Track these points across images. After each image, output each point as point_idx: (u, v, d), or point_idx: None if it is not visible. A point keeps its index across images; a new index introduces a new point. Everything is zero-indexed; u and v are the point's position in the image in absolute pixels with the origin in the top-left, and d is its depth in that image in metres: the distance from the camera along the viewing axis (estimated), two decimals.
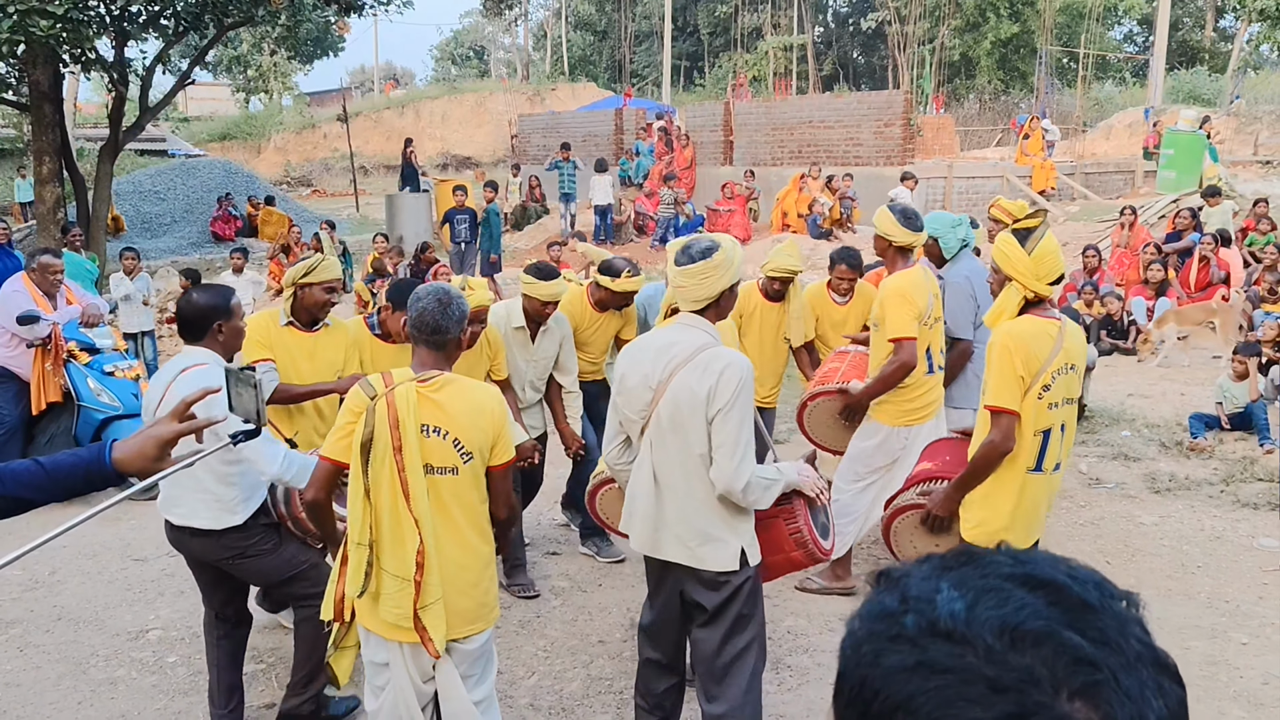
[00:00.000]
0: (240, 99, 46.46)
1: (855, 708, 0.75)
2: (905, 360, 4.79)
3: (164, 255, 18.74)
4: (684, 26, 48.71)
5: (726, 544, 3.33)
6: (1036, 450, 3.71)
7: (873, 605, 0.79)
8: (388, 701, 3.24)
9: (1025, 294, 3.65)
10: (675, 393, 3.25)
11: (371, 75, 61.28)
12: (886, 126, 18.82)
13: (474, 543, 3.22)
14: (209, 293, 3.85)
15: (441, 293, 3.21)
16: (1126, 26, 44.52)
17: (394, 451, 3.07)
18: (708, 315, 3.36)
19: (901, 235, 4.87)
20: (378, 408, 3.09)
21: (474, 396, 3.19)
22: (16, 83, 14.23)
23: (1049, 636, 0.71)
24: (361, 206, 26.45)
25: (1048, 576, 0.76)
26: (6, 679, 4.71)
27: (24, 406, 7.10)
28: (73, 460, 2.07)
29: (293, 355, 4.54)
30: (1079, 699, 0.69)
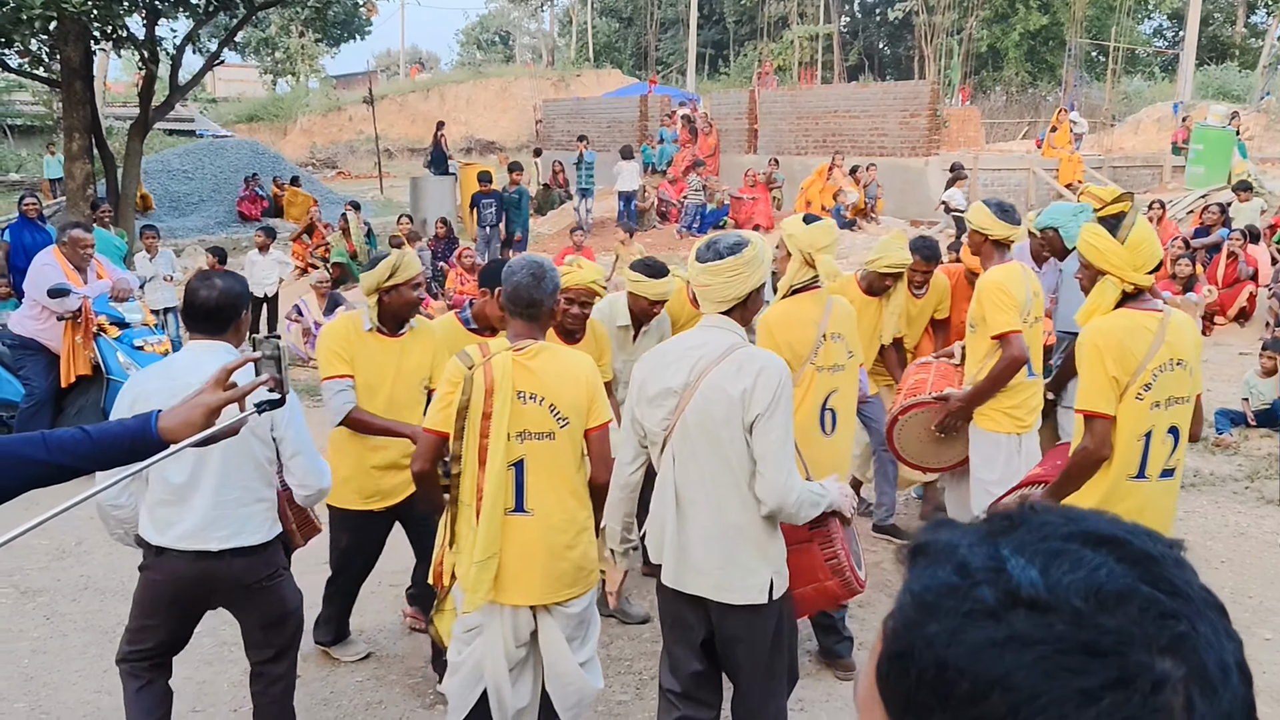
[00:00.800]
0: (268, 81, 46.60)
1: (931, 692, 0.70)
2: (1015, 355, 4.47)
3: (191, 234, 18.87)
4: (710, 14, 48.54)
5: (755, 573, 3.02)
6: (1138, 456, 3.40)
7: (926, 581, 0.74)
8: (470, 657, 3.36)
9: (1124, 286, 3.35)
10: (705, 396, 2.96)
11: (397, 59, 61.37)
12: (912, 117, 18.71)
13: (570, 506, 3.31)
14: (230, 278, 3.41)
15: (535, 265, 3.32)
16: (1156, 21, 44.06)
17: (483, 419, 3.18)
18: (734, 318, 3.10)
19: (999, 228, 4.62)
20: (475, 376, 3.20)
21: (568, 362, 3.32)
22: (48, 59, 14.32)
23: (1133, 594, 0.69)
24: (386, 189, 26.52)
25: (1106, 531, 0.73)
26: (34, 646, 4.78)
27: (54, 378, 7.17)
28: (119, 429, 2.08)
29: (377, 364, 4.16)
30: (1169, 654, 0.66)
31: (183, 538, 3.23)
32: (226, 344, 3.34)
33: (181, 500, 3.23)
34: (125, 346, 7.32)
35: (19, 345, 7.26)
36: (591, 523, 3.41)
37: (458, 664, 3.40)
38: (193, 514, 3.22)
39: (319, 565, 5.63)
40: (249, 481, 3.29)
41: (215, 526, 3.24)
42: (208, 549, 3.25)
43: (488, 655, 3.32)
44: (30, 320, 7.16)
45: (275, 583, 3.46)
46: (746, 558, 3.01)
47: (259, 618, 3.51)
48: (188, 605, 3.44)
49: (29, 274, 7.21)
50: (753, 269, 3.06)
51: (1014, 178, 18.98)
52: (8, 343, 7.48)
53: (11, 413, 7.39)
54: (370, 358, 4.16)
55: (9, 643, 4.81)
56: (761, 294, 3.17)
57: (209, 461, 3.19)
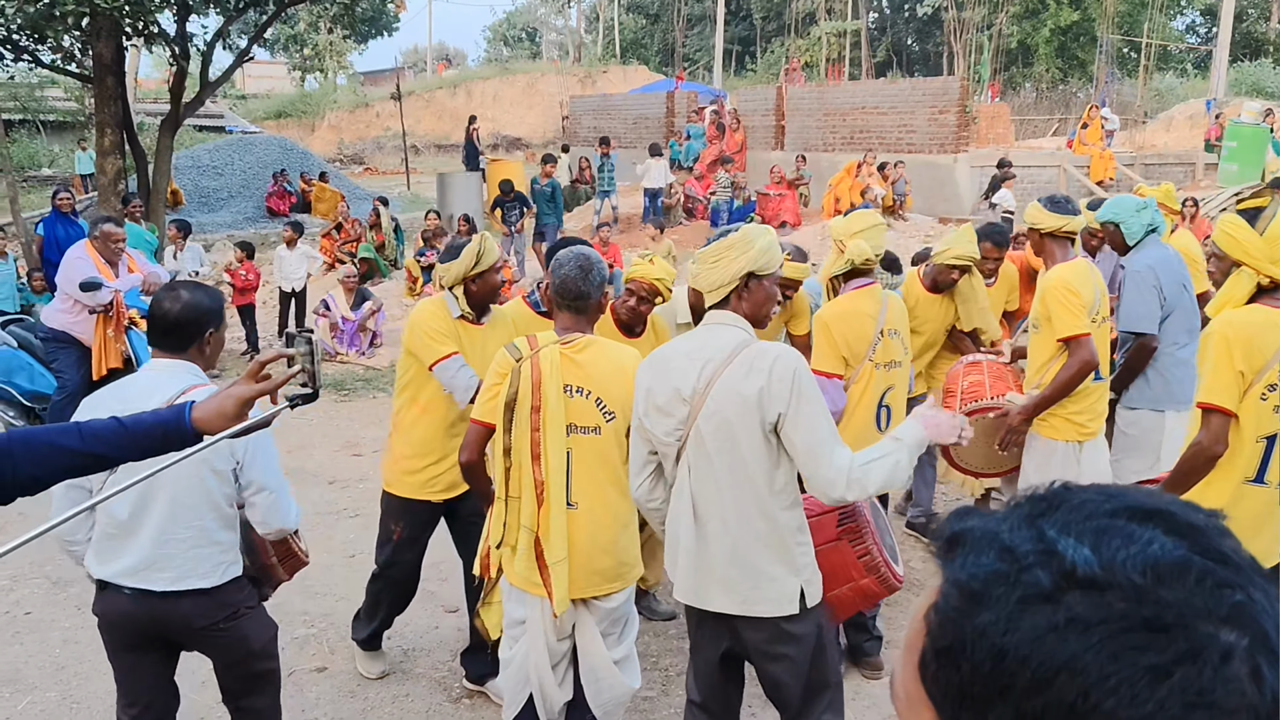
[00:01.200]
0: (296, 77, 46.90)
1: (989, 683, 0.68)
2: (1086, 359, 4.25)
3: (221, 229, 19.00)
4: (737, 10, 48.41)
5: (783, 582, 2.85)
6: (1258, 459, 3.24)
7: (971, 569, 0.71)
8: (519, 654, 3.37)
9: (1260, 279, 3.23)
10: (718, 401, 2.79)
11: (425, 55, 61.58)
12: (941, 114, 18.58)
13: (614, 501, 3.29)
14: (201, 290, 3.08)
15: (582, 258, 3.30)
16: (1189, 17, 43.62)
17: (532, 411, 3.18)
18: (732, 308, 2.89)
19: (1048, 220, 4.42)
20: (523, 369, 3.20)
21: (615, 356, 3.29)
22: (80, 55, 14.44)
23: (1189, 566, 0.67)
24: (413, 185, 26.62)
25: (1149, 505, 0.71)
26: (65, 635, 4.83)
27: (85, 371, 7.24)
28: (153, 419, 2.09)
29: (467, 351, 4.01)
30: (1230, 624, 0.65)
31: (124, 573, 2.94)
32: (189, 364, 2.99)
33: (126, 534, 2.93)
34: None
35: (51, 338, 7.33)
36: (634, 518, 3.38)
37: (508, 660, 3.43)
38: (137, 549, 2.92)
39: (349, 560, 5.66)
40: (202, 521, 2.94)
41: (160, 566, 2.93)
42: (151, 589, 2.94)
43: (531, 649, 3.34)
44: (62, 313, 7.23)
45: (234, 624, 3.10)
46: (772, 567, 2.85)
47: (221, 658, 3.21)
48: (142, 649, 3.10)
49: (61, 268, 7.29)
50: (739, 251, 2.85)
51: (1044, 174, 18.82)
52: (40, 335, 7.56)
53: (44, 405, 7.47)
54: (462, 344, 4.01)
55: (41, 632, 4.86)
56: (765, 285, 2.91)
57: (156, 496, 2.89)
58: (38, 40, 13.74)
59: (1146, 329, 4.63)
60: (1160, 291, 4.61)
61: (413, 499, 4.18)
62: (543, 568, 3.21)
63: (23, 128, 26.93)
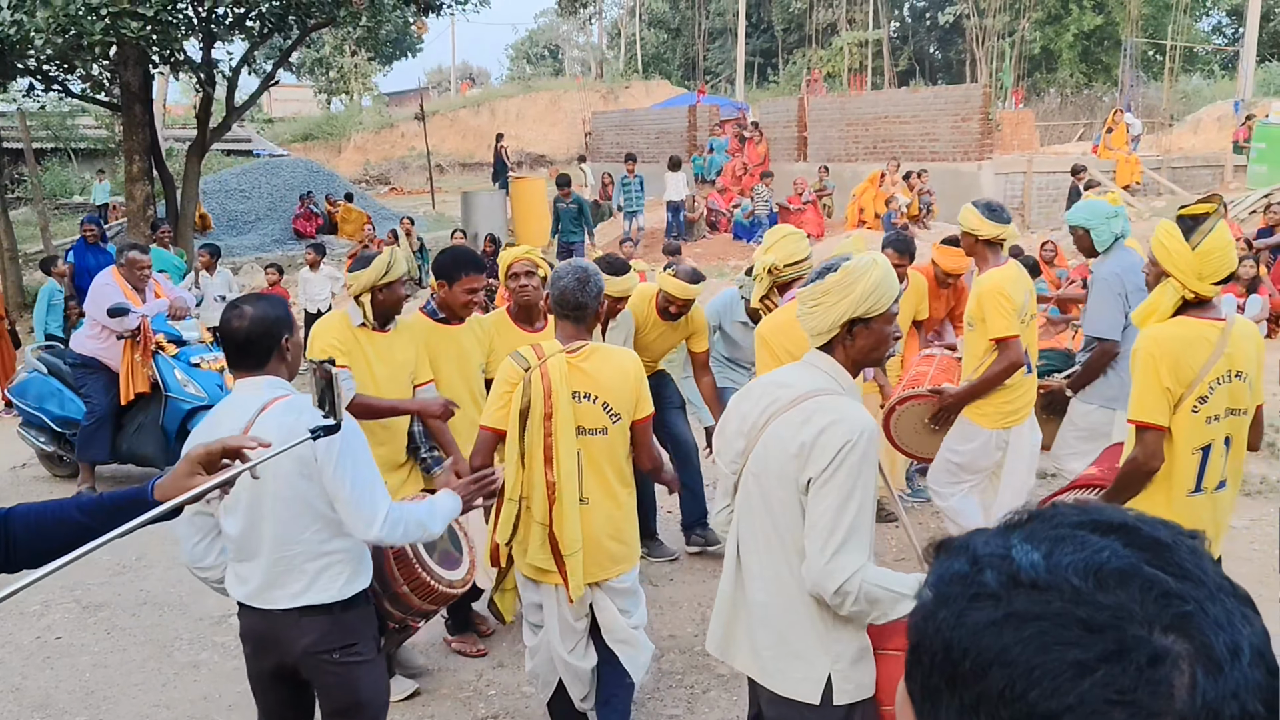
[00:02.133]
0: (322, 100, 47.34)
1: (940, 674, 0.73)
2: (1013, 359, 4.65)
3: (249, 252, 19.20)
4: (758, 23, 48.45)
5: (809, 664, 2.55)
6: (1194, 470, 3.27)
7: (942, 572, 0.78)
8: (543, 639, 3.65)
9: (1184, 293, 3.19)
10: (765, 446, 2.61)
11: (448, 75, 62.01)
12: (964, 121, 18.49)
13: (620, 494, 3.57)
14: (265, 302, 3.03)
15: (580, 270, 3.52)
16: (1215, 18, 43.15)
17: (545, 418, 3.38)
18: (835, 356, 2.65)
19: (987, 228, 4.75)
20: (533, 378, 3.40)
21: (617, 362, 3.52)
22: (109, 84, 14.67)
23: (1134, 574, 0.70)
24: (438, 204, 26.79)
25: (1118, 520, 0.75)
26: (95, 660, 4.87)
27: (113, 396, 7.32)
28: (125, 493, 2.15)
29: (368, 359, 4.29)
30: (1173, 632, 0.68)
31: (252, 595, 2.93)
32: (271, 378, 2.95)
33: (247, 556, 2.93)
34: (183, 364, 7.45)
35: (80, 364, 7.43)
36: (634, 504, 3.65)
37: (535, 647, 3.70)
38: (259, 570, 2.91)
39: None
40: (308, 533, 2.87)
41: (281, 584, 2.89)
42: (274, 608, 2.91)
43: (549, 629, 3.61)
44: (90, 339, 7.32)
45: (349, 662, 2.96)
46: (800, 643, 2.56)
47: (328, 701, 3.06)
48: (271, 672, 3.05)
49: (89, 294, 7.38)
50: (838, 296, 2.57)
51: (1070, 180, 18.68)
52: (70, 361, 7.65)
53: (73, 430, 7.56)
54: (361, 352, 4.29)
55: (71, 656, 4.90)
56: (876, 328, 2.63)
57: (264, 516, 2.87)
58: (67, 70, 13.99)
59: (1109, 335, 4.86)
60: (1125, 299, 4.79)
61: None
62: (559, 559, 3.44)
63: (54, 156, 27.36)
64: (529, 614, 3.70)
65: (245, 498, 2.83)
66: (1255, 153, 17.90)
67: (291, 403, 2.86)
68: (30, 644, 5.05)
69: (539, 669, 3.72)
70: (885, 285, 2.58)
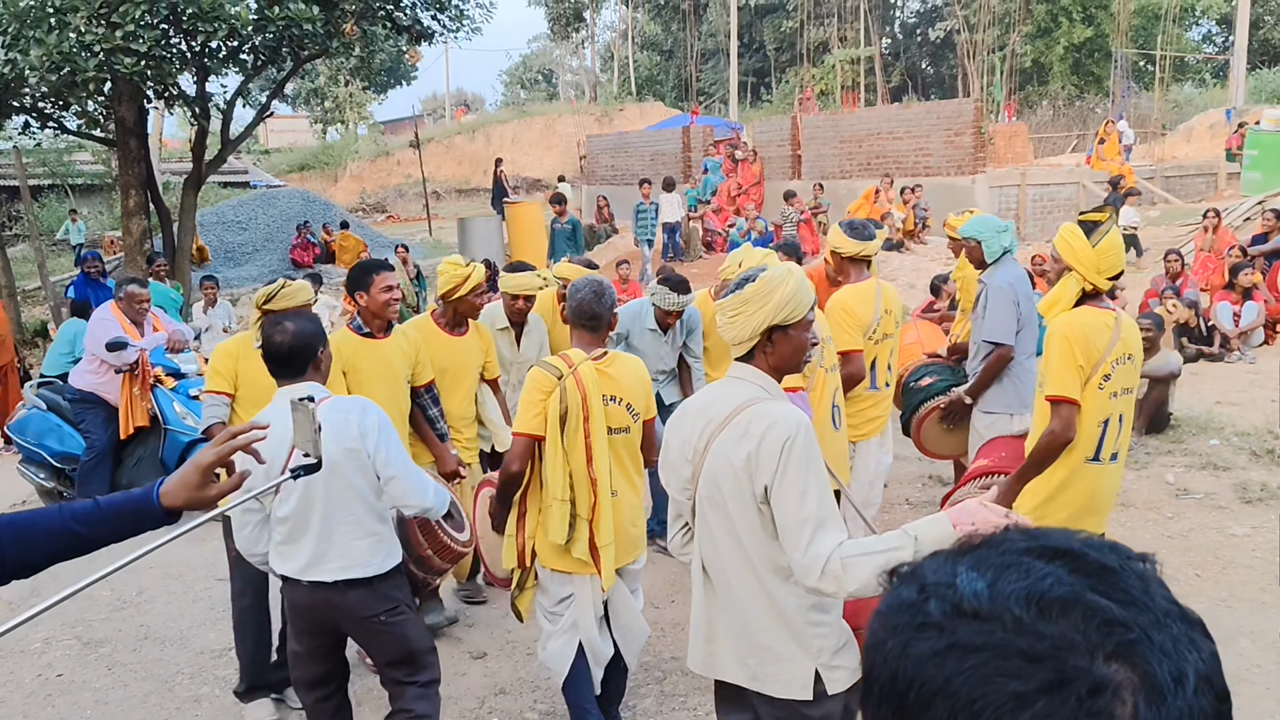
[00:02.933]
0: (318, 130, 47.58)
1: (889, 704, 0.73)
2: (853, 372, 4.93)
3: (247, 283, 19.23)
4: (750, 43, 48.72)
5: (793, 663, 2.64)
6: (1095, 440, 3.71)
7: (891, 599, 0.78)
8: (566, 623, 3.89)
9: (1084, 285, 3.67)
10: (711, 467, 2.67)
11: (443, 102, 62.34)
12: (957, 135, 18.57)
13: (638, 486, 3.98)
14: (301, 318, 3.52)
15: (596, 284, 3.84)
16: (1205, 27, 43.38)
17: (583, 420, 3.67)
18: (757, 364, 2.73)
19: (848, 245, 5.07)
20: (567, 384, 3.68)
21: (634, 367, 3.91)
22: (104, 119, 14.74)
23: (1076, 601, 0.70)
24: (435, 230, 26.86)
25: (1064, 545, 0.76)
26: (96, 696, 4.85)
27: (113, 431, 7.32)
28: (124, 498, 2.06)
29: (267, 380, 4.25)
30: (1115, 660, 0.68)
31: (299, 570, 3.39)
32: (311, 384, 3.42)
33: (295, 536, 3.38)
34: (181, 397, 7.45)
35: (79, 399, 7.42)
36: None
37: (553, 631, 3.92)
38: (308, 547, 3.36)
39: None
40: (356, 515, 3.35)
41: (328, 559, 3.35)
42: (322, 580, 3.37)
43: (582, 618, 3.86)
44: (89, 374, 7.32)
45: (396, 620, 3.47)
46: (781, 646, 2.64)
47: (383, 655, 3.57)
48: (318, 633, 3.55)
49: (87, 329, 7.39)
50: (757, 305, 2.65)
51: (1064, 191, 18.75)
52: (68, 397, 7.65)
53: (73, 465, 7.55)
54: (258, 374, 4.23)
55: (73, 693, 4.88)
56: (792, 336, 2.72)
57: (315, 496, 3.31)
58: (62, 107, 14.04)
59: (1005, 340, 5.08)
60: (1018, 306, 5.08)
61: None
62: (594, 551, 3.76)
63: (50, 192, 27.44)
64: (553, 606, 3.93)
65: (299, 485, 3.20)
66: (1248, 160, 17.98)
67: (335, 403, 3.38)
68: (31, 682, 5.03)
69: (559, 651, 3.90)
70: (801, 293, 2.70)
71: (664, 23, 52.16)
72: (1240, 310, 10.62)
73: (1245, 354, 10.22)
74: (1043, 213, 18.39)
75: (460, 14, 15.30)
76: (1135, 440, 7.70)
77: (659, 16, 52.35)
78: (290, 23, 12.36)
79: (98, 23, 11.09)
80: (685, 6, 47.51)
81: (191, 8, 11.27)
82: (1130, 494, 6.72)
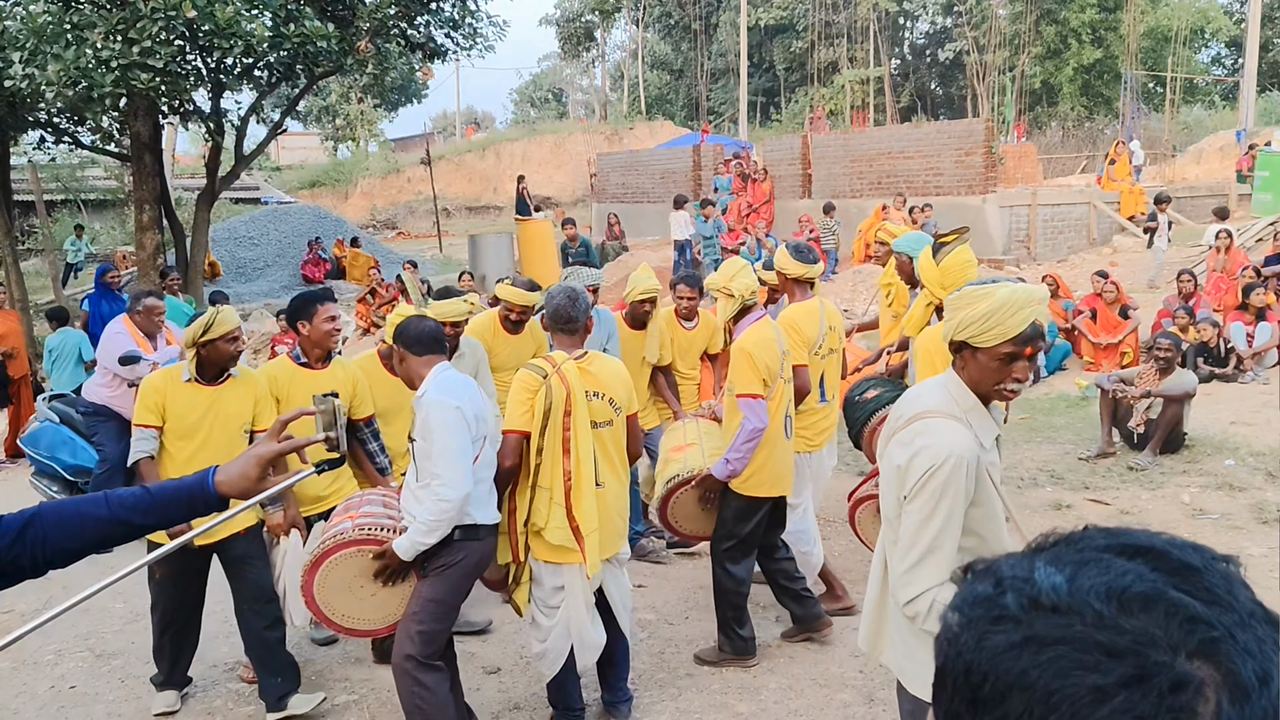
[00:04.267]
0: (329, 147, 47.82)
1: (963, 697, 0.73)
2: (800, 385, 5.09)
3: (258, 298, 19.31)
4: (760, 63, 48.90)
5: (924, 665, 2.60)
6: None
7: (966, 594, 0.78)
8: (560, 619, 4.07)
9: (931, 299, 3.86)
10: (884, 462, 2.71)
11: (454, 120, 62.61)
12: (967, 155, 18.59)
13: (623, 477, 4.24)
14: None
15: (570, 291, 4.14)
16: (1214, 49, 43.46)
17: (564, 415, 3.93)
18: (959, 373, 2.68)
19: (794, 268, 5.23)
20: (552, 382, 3.95)
21: (613, 365, 4.23)
22: (119, 135, 14.83)
23: (1158, 598, 0.70)
24: (445, 247, 26.94)
25: (1145, 543, 0.75)
26: (109, 709, 4.84)
27: (126, 444, 7.29)
28: (176, 486, 2.07)
29: (194, 411, 4.50)
30: (1198, 658, 0.67)
31: (475, 508, 3.82)
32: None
33: (483, 484, 3.86)
34: None
35: (92, 412, 7.43)
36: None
37: (550, 626, 4.08)
38: (489, 493, 3.93)
39: None
40: (481, 471, 3.85)
41: (483, 504, 3.89)
42: (486, 522, 3.89)
43: (574, 609, 4.05)
44: (102, 388, 7.33)
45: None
46: (916, 644, 2.65)
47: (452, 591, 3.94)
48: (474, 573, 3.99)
49: (101, 342, 7.40)
50: (949, 313, 2.64)
51: (1074, 212, 18.74)
52: (81, 410, 7.66)
53: (86, 479, 7.56)
54: (186, 406, 4.48)
55: (85, 706, 4.87)
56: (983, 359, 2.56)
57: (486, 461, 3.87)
58: (77, 122, 14.15)
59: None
60: None
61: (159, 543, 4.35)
62: (579, 539, 3.98)
63: (64, 207, 27.59)
64: (547, 598, 4.10)
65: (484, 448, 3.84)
66: (1259, 181, 17.96)
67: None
68: (45, 693, 5.02)
69: (552, 646, 4.10)
70: (990, 319, 2.49)
71: (674, 42, 52.39)
72: (1254, 331, 10.58)
73: (1259, 374, 10.18)
74: (1054, 233, 18.38)
75: (474, 32, 15.37)
76: (1150, 460, 7.67)
77: (669, 36, 52.60)
78: (305, 40, 12.44)
79: (115, 39, 11.16)
80: (696, 26, 47.76)
81: (208, 24, 11.34)
82: (1146, 514, 6.69)
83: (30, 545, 1.93)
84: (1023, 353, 2.51)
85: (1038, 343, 2.53)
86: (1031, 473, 7.75)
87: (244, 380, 4.65)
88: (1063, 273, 14.79)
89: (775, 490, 4.81)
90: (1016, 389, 2.57)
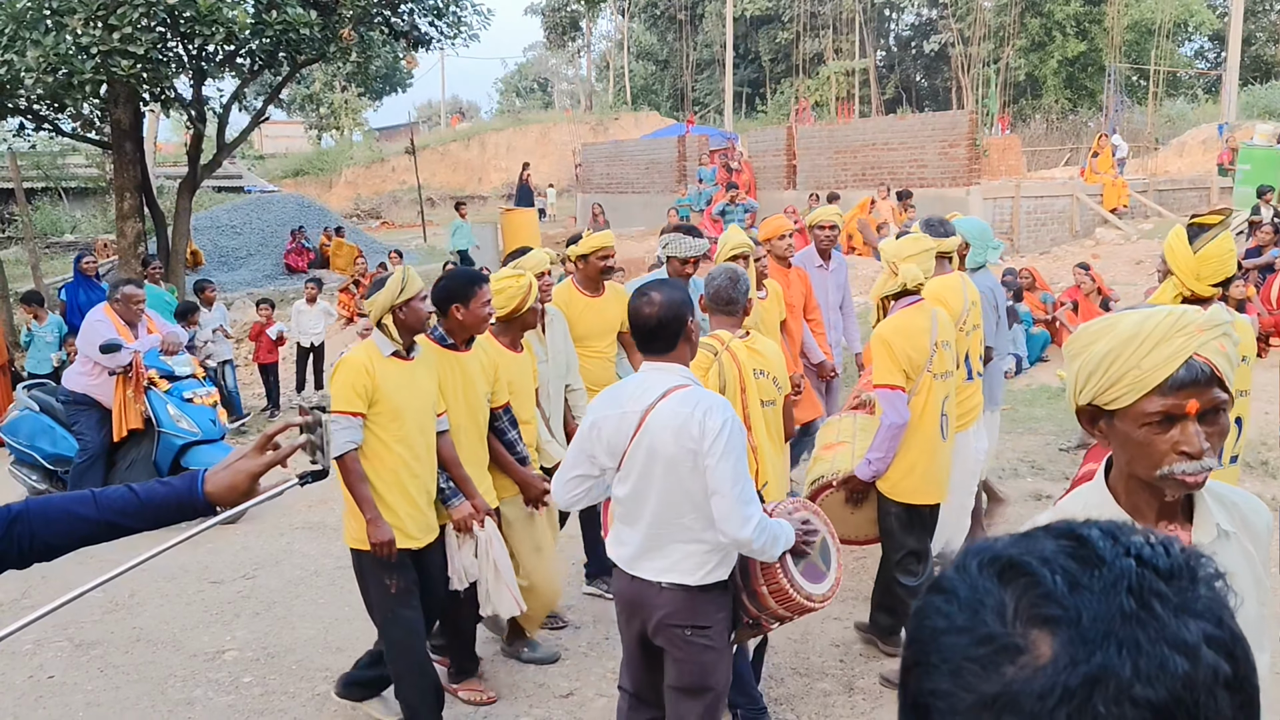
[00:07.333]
0: (313, 136, 47.54)
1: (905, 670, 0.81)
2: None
3: (240, 287, 19.19)
4: (745, 54, 48.83)
5: None
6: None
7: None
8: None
9: (1182, 290, 3.40)
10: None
11: (438, 109, 62.33)
12: (951, 147, 18.62)
13: (785, 461, 4.36)
14: (671, 287, 3.22)
15: (731, 272, 4.09)
16: (1197, 43, 43.66)
17: (740, 392, 3.93)
18: None
19: (940, 243, 5.11)
20: (724, 360, 3.93)
21: (774, 346, 4.24)
22: (99, 122, 14.70)
23: (1023, 571, 0.75)
24: (429, 237, 26.84)
25: (1080, 532, 0.79)
26: (88, 699, 4.82)
27: (106, 432, 7.30)
28: (166, 490, 2.07)
29: (399, 387, 4.02)
30: (1038, 628, 0.72)
31: (625, 560, 3.25)
32: (677, 365, 3.18)
33: (629, 520, 3.22)
34: (175, 399, 7.44)
35: (72, 401, 7.40)
36: None
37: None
38: (635, 538, 3.21)
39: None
40: (684, 519, 3.10)
41: (651, 556, 3.18)
42: (643, 576, 3.20)
43: None
44: (82, 376, 7.30)
45: (700, 644, 3.18)
46: None
47: (676, 675, 3.26)
48: (637, 635, 3.33)
49: (81, 331, 7.38)
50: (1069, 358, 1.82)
51: (1058, 204, 18.80)
52: (61, 399, 7.62)
53: (66, 467, 7.52)
54: (395, 384, 4.01)
55: (64, 695, 4.85)
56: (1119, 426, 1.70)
57: (650, 489, 3.10)
58: (58, 109, 14.01)
59: (988, 342, 5.43)
60: (997, 310, 5.60)
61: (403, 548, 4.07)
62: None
63: (45, 195, 27.37)
64: None
65: (637, 468, 3.10)
66: (1240, 174, 18.05)
67: (689, 394, 3.08)
68: (23, 684, 5.00)
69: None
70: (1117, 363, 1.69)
71: (659, 33, 52.26)
72: None
73: None
74: (1036, 225, 18.44)
75: (458, 21, 15.28)
76: None
77: (654, 27, 52.47)
78: (288, 27, 12.34)
79: (95, 25, 11.05)
80: (681, 17, 47.65)
81: (189, 11, 11.25)
82: None
83: (17, 540, 1.97)
84: (1183, 408, 1.64)
85: (1207, 392, 1.65)
86: (1012, 463, 7.79)
87: (426, 354, 4.22)
88: (1045, 264, 14.86)
89: (933, 497, 4.57)
90: (1192, 471, 1.65)
